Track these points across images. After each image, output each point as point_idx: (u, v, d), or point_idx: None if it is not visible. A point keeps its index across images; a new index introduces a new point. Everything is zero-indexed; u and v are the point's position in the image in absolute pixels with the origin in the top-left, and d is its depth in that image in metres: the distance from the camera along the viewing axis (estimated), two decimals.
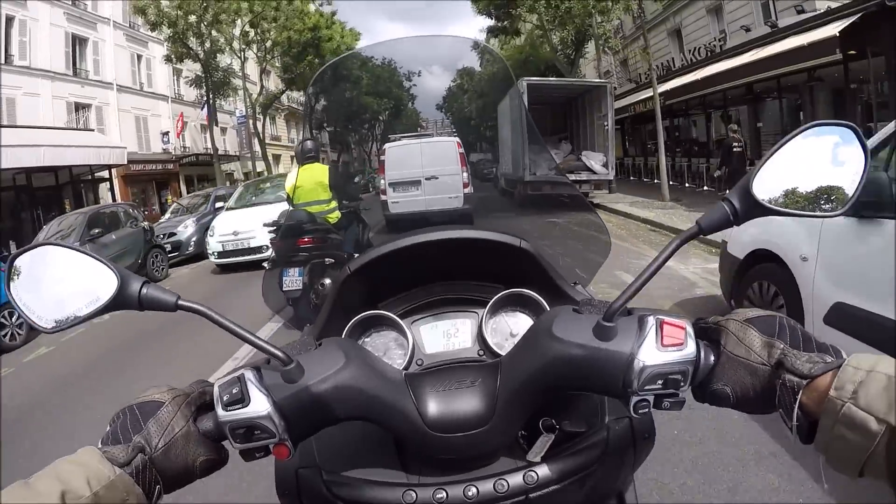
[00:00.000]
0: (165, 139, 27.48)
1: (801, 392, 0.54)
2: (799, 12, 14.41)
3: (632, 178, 22.93)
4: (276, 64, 31.06)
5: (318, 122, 38.15)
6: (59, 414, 4.76)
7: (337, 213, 4.60)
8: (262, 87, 29.59)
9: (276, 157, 41.37)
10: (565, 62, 23.04)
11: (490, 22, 25.17)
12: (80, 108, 22.19)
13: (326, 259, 4.09)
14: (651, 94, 19.25)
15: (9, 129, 16.43)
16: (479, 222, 3.08)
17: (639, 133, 24.69)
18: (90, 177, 21.02)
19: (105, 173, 21.34)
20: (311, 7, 28.53)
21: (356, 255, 1.37)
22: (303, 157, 4.85)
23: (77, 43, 22.50)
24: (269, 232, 5.77)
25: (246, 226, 10.74)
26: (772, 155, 0.62)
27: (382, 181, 3.75)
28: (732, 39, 17.73)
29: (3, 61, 18.67)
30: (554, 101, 17.15)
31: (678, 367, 0.59)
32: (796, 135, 0.62)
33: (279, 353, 0.62)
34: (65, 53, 21.59)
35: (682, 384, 0.60)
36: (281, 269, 4.44)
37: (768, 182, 0.61)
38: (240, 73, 27.53)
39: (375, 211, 4.09)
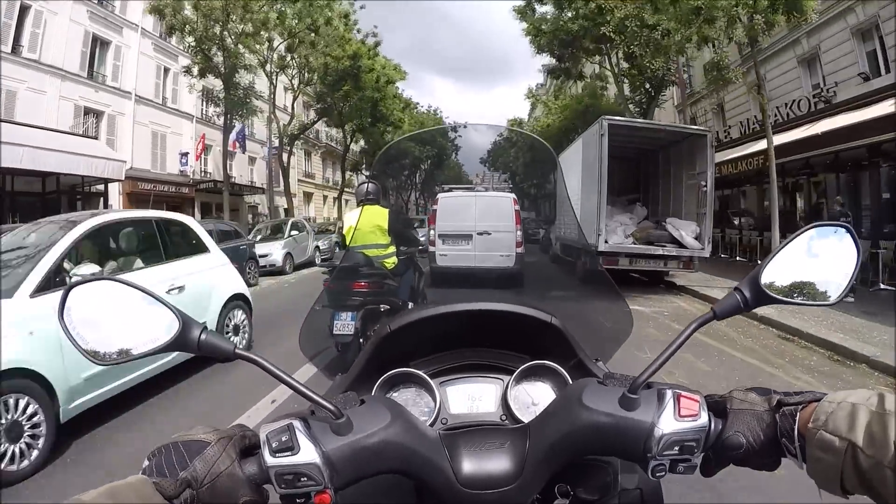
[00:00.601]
0: (184, 160, 25.42)
1: (797, 416, 0.62)
2: None
3: None
4: (310, 92, 28.91)
5: (355, 162, 35.90)
6: None
7: (394, 259, 4.10)
8: (293, 114, 27.16)
9: (308, 196, 39.36)
10: (637, 112, 20.23)
11: (550, 61, 22.71)
12: (89, 113, 20.16)
13: (381, 305, 3.47)
14: (737, 154, 16.27)
15: None
16: (528, 287, 2.67)
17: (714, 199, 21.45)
18: (83, 189, 18.63)
19: (102, 187, 19.01)
20: (356, 35, 26.52)
21: (410, 303, 1.27)
22: (362, 199, 4.35)
23: (98, 45, 20.76)
24: (324, 273, 5.97)
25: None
26: (779, 250, 0.72)
27: (432, 232, 3.59)
28: (844, 90, 14.75)
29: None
30: (626, 152, 13.68)
31: (692, 435, 0.65)
32: (801, 233, 0.72)
33: (331, 407, 0.65)
34: (81, 53, 19.78)
35: (695, 450, 0.66)
36: (333, 312, 4.04)
37: (775, 274, 0.71)
38: (264, 95, 25.33)
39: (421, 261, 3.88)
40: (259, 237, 17.70)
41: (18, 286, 4.10)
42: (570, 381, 0.92)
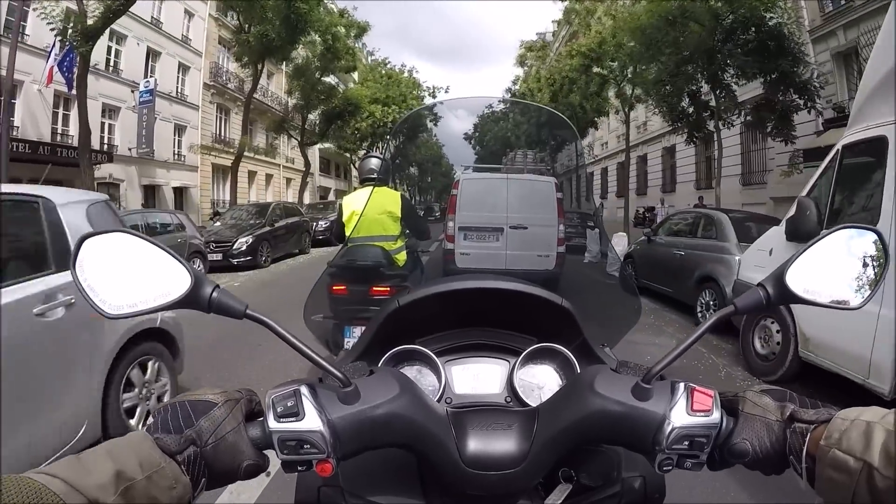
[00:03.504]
0: None
1: (808, 435, 0.60)
2: None
3: None
4: None
5: (279, 120, 21.08)
6: None
7: (404, 255, 3.62)
8: None
9: (224, 171, 27.16)
10: None
11: None
12: None
13: None
14: None
15: None
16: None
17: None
18: None
19: None
20: None
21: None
22: (365, 178, 3.97)
23: None
24: (326, 273, 3.40)
25: None
26: (806, 249, 0.69)
27: (451, 223, 2.96)
28: None
29: None
30: None
31: (704, 431, 0.64)
32: (829, 233, 0.70)
33: (339, 375, 0.64)
34: None
35: (705, 447, 0.64)
36: (342, 324, 3.24)
37: (801, 273, 0.68)
38: None
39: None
40: None
41: None
42: (577, 366, 0.92)
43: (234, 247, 12.91)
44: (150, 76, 20.69)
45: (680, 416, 0.64)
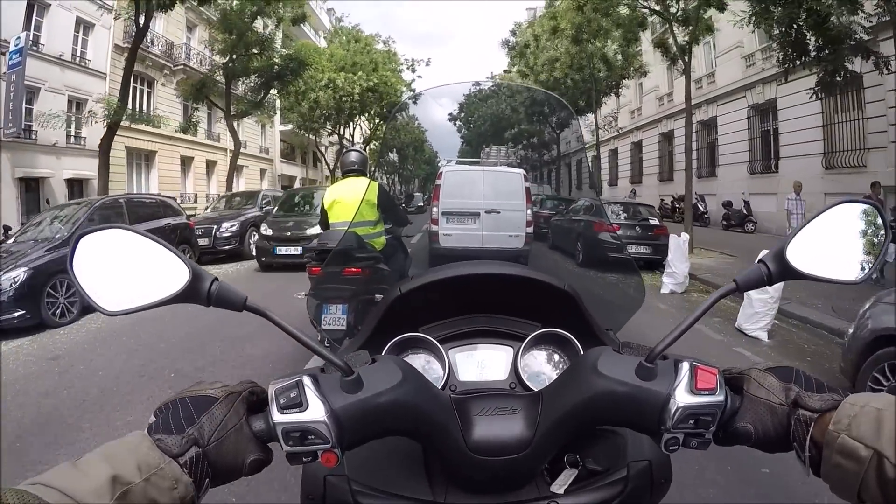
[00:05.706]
0: None
1: (812, 425, 0.59)
2: None
3: None
4: None
5: (198, 83, 17.81)
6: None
7: (383, 239, 3.77)
8: None
9: (147, 157, 22.19)
10: None
11: None
12: None
13: (377, 295, 3.01)
14: None
15: None
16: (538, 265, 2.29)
17: None
18: None
19: None
20: None
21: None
22: (346, 169, 4.45)
23: None
24: (307, 256, 4.71)
25: None
26: (806, 224, 0.68)
27: (435, 209, 3.11)
28: None
29: None
30: None
31: (709, 410, 0.63)
32: (829, 208, 0.68)
33: (341, 364, 0.63)
34: None
35: (710, 425, 0.63)
36: (321, 304, 3.68)
37: (801, 248, 0.67)
38: None
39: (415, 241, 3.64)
40: None
41: None
42: (581, 350, 0.90)
43: None
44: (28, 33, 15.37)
45: (684, 395, 0.62)
